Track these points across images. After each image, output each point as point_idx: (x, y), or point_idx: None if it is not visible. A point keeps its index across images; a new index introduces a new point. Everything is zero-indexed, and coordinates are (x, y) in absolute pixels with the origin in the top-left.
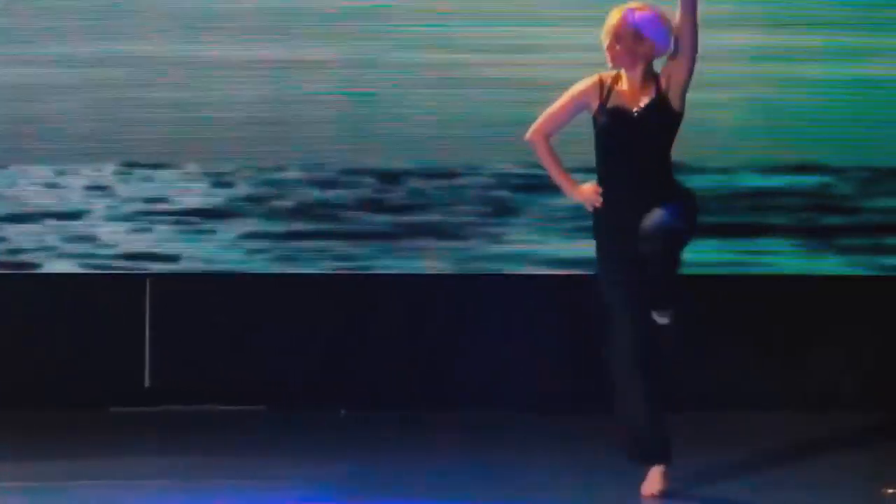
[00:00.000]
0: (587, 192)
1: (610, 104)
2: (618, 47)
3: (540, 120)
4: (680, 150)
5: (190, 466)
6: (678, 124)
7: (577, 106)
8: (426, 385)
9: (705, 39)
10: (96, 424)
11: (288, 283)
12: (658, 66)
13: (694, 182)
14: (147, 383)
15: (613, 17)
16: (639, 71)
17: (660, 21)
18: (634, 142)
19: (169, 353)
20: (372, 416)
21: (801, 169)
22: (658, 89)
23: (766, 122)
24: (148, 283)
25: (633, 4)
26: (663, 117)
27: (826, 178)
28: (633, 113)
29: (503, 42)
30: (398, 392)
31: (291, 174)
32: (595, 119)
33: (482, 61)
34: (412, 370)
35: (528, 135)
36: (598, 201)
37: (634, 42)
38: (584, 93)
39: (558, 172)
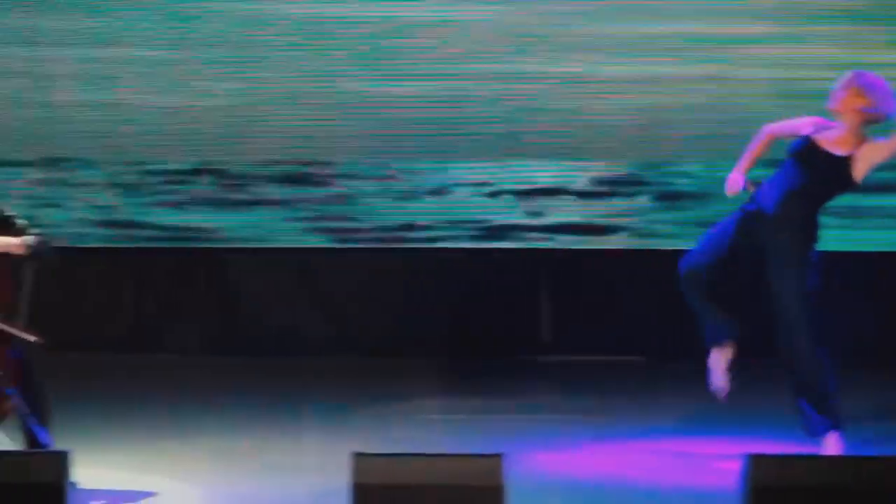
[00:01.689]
0: (732, 178)
1: (813, 136)
2: (839, 96)
3: (774, 125)
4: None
5: (584, 407)
6: (848, 188)
7: (790, 129)
8: None
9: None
10: (507, 371)
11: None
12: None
13: None
14: (545, 338)
15: (847, 73)
16: (848, 124)
17: (883, 88)
18: (805, 175)
19: (560, 314)
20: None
21: None
22: (855, 150)
23: None
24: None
25: (867, 72)
26: (842, 175)
27: None
28: (820, 153)
29: None
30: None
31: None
32: (792, 142)
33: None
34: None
35: (762, 129)
36: (732, 190)
37: (854, 97)
38: (797, 125)
39: (746, 157)
